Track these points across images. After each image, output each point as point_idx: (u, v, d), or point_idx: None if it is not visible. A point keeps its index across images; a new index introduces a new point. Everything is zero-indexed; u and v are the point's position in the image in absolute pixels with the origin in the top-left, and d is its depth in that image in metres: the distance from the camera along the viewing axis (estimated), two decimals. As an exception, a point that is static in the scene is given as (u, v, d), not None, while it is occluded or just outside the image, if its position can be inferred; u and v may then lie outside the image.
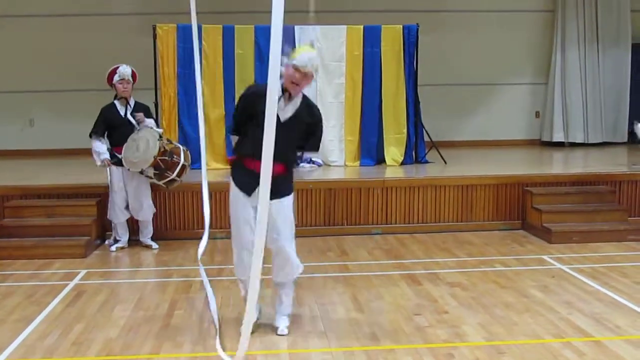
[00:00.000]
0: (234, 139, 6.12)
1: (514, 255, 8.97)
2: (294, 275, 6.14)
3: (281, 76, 5.51)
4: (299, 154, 6.27)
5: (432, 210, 10.38)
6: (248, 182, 5.77)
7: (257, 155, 4.62)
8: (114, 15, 14.95)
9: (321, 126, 6.15)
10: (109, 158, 9.19)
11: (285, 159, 5.83)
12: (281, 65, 4.80)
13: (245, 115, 5.88)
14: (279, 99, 5.58)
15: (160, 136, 9.06)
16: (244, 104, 5.97)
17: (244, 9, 13.87)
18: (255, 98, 5.66)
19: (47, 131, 15.10)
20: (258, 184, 4.59)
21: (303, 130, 5.96)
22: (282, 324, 6.13)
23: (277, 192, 5.59)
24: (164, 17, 12.55)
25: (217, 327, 6.09)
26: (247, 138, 5.87)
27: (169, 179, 9.04)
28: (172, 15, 12.02)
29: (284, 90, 5.77)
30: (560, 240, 9.47)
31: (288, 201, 6.00)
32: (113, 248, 9.39)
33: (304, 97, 6.00)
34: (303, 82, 5.75)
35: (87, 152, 9.57)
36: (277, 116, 5.37)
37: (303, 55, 5.72)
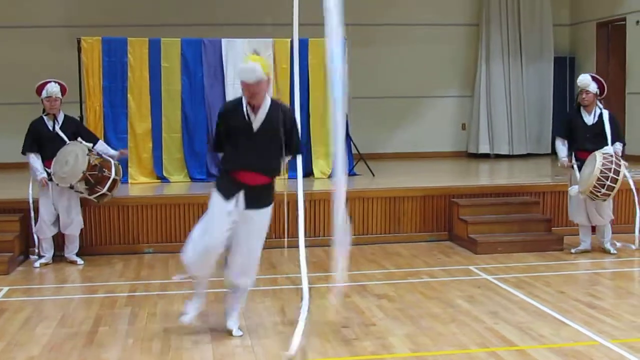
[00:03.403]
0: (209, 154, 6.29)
1: (440, 266, 9.06)
2: (253, 283, 6.45)
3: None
4: (283, 161, 6.26)
5: (360, 223, 10.40)
6: (229, 188, 5.94)
7: (245, 167, 5.72)
8: (38, 28, 14.67)
9: (296, 130, 6.29)
10: (46, 177, 9.00)
11: (265, 169, 6.04)
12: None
13: (223, 133, 6.05)
14: (245, 112, 5.87)
15: (90, 150, 8.92)
16: (219, 121, 6.14)
17: (171, 22, 13.76)
18: (227, 114, 6.03)
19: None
20: (239, 191, 5.80)
21: (279, 138, 5.94)
22: (235, 326, 6.37)
23: (258, 202, 6.02)
24: (89, 30, 12.39)
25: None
26: (231, 154, 6.03)
27: (99, 193, 8.90)
28: (97, 28, 11.87)
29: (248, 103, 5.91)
30: (485, 250, 9.60)
31: (267, 213, 6.19)
32: (37, 264, 9.18)
33: (276, 104, 6.06)
34: (257, 91, 5.82)
35: (13, 167, 9.43)
36: (250, 127, 5.79)
37: (243, 69, 5.81)
